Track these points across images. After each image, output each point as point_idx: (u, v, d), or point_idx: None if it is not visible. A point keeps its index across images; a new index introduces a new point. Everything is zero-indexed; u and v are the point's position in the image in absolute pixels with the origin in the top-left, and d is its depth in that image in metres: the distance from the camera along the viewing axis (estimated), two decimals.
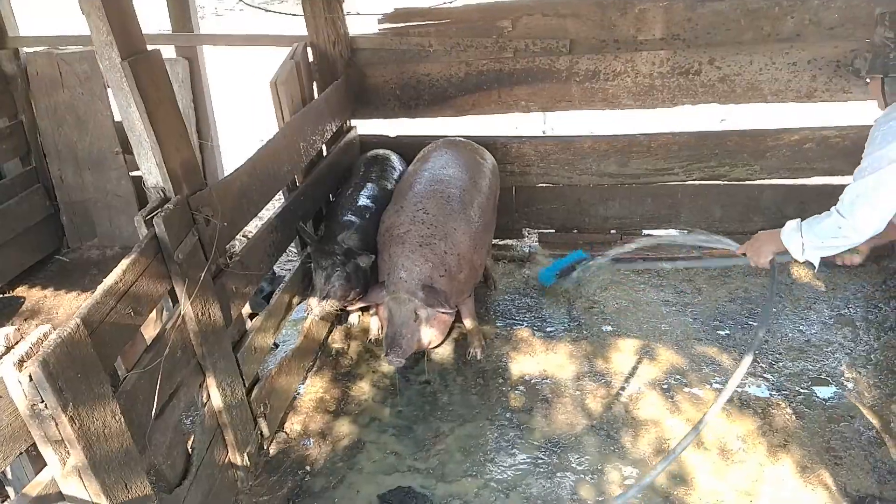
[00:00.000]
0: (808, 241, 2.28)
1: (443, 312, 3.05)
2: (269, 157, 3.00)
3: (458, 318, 3.56)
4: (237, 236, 2.91)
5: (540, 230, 4.49)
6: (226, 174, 2.79)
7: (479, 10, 3.84)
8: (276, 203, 3.82)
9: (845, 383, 3.15)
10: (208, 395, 2.59)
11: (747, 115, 4.72)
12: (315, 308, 3.22)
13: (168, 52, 4.51)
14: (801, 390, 3.12)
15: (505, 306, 3.94)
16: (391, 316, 3.03)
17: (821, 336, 3.45)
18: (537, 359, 3.50)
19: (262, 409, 2.94)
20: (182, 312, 2.34)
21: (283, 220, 3.20)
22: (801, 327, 3.53)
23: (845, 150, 3.74)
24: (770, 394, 3.11)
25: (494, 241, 4.25)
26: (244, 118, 6.90)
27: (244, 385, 2.79)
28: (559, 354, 3.51)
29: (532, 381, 3.35)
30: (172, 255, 2.20)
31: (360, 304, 3.35)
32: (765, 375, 3.22)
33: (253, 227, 4.28)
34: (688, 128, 4.07)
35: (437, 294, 2.98)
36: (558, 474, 2.82)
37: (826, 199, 3.95)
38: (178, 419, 2.39)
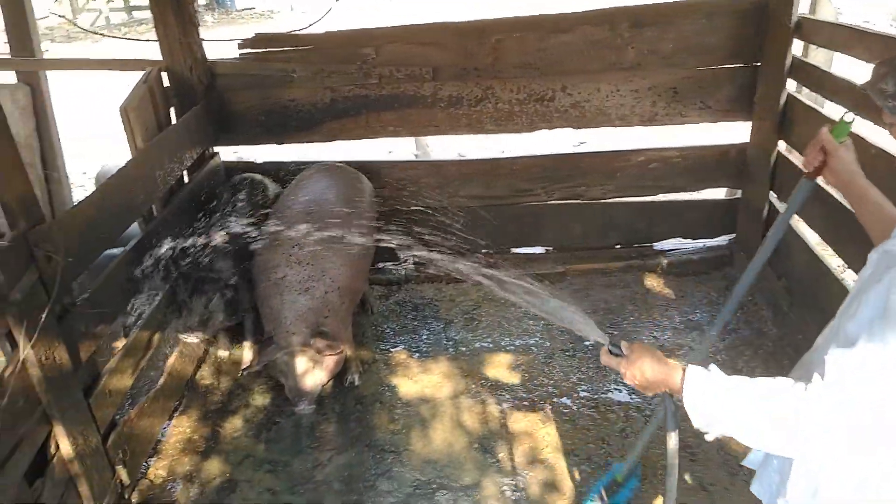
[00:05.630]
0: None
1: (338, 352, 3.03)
2: (120, 187, 2.84)
3: None
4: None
5: (414, 253, 4.54)
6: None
7: (342, 37, 3.86)
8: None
9: None
10: (57, 446, 2.39)
11: (605, 138, 5.04)
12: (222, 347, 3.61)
13: (8, 77, 4.20)
14: (659, 393, 3.33)
15: (381, 330, 3.94)
16: (290, 369, 2.98)
17: (673, 340, 3.72)
18: (415, 380, 3.52)
19: (120, 455, 2.74)
20: (23, 357, 2.14)
21: (140, 252, 3.03)
22: (655, 333, 3.79)
23: (686, 168, 4.08)
24: (631, 398, 3.31)
25: None
26: (101, 148, 6.49)
27: (99, 432, 2.59)
28: (436, 374, 3.55)
29: (410, 403, 3.36)
30: (7, 295, 2.03)
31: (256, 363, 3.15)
32: (624, 381, 3.42)
33: None
34: (548, 150, 4.30)
35: (328, 338, 2.95)
36: (437, 494, 2.84)
37: (671, 216, 4.35)
38: (21, 474, 2.18)
